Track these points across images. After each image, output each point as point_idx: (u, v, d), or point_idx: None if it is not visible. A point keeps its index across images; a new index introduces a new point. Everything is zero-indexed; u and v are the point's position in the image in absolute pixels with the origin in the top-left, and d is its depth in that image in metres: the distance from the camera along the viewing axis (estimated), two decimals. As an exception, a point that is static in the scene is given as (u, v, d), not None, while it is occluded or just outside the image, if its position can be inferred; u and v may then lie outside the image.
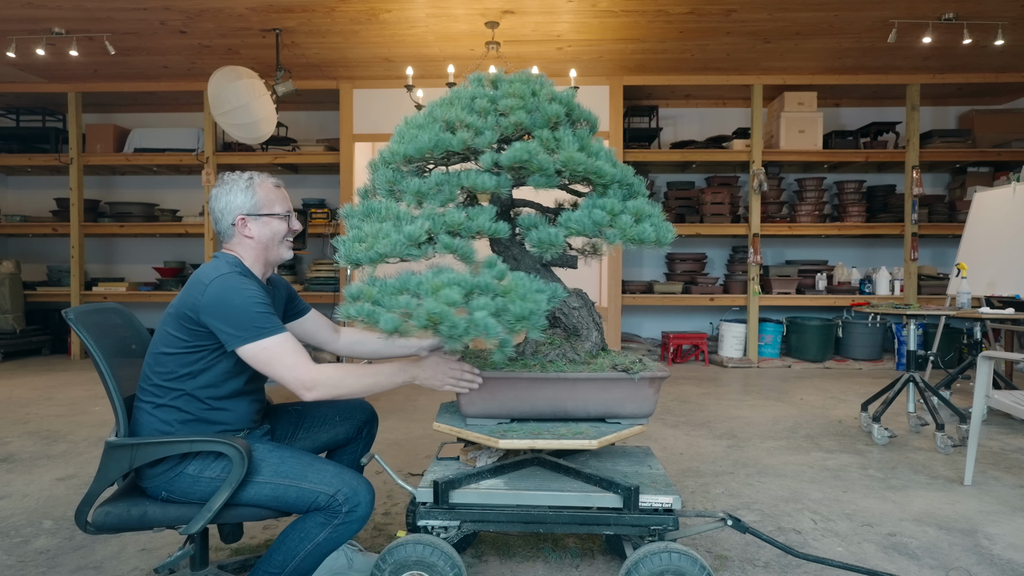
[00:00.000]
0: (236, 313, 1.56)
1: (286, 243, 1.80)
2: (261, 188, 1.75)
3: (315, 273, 6.48)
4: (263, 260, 1.77)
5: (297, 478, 1.58)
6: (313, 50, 5.38)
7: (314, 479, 1.58)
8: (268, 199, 1.75)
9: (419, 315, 1.43)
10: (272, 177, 1.81)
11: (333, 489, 1.56)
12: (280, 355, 1.57)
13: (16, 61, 5.54)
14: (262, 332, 1.56)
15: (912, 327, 3.64)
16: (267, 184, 1.77)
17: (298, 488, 1.57)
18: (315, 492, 1.56)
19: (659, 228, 1.66)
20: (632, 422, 1.75)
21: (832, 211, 6.71)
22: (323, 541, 1.56)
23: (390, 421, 3.88)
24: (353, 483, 1.58)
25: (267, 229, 1.74)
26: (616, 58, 5.61)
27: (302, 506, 1.57)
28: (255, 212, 1.73)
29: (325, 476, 1.59)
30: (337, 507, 1.56)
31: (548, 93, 1.73)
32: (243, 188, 1.73)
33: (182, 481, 1.59)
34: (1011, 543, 2.21)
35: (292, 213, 1.82)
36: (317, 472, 1.59)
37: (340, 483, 1.57)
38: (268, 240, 1.75)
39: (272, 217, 1.75)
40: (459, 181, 1.64)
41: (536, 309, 1.48)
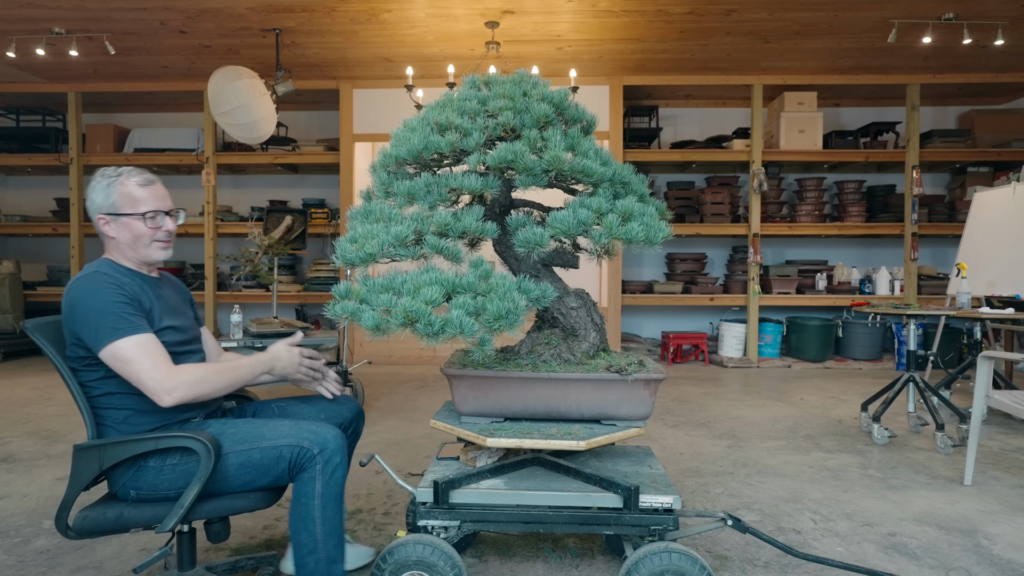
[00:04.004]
0: (89, 317, 1.53)
1: (156, 245, 1.72)
2: (122, 187, 1.68)
3: (315, 273, 6.47)
4: (133, 260, 1.72)
5: (256, 439, 1.59)
6: (313, 50, 5.38)
7: (272, 436, 1.59)
8: (129, 198, 1.67)
9: (397, 312, 1.45)
10: (144, 174, 1.73)
11: (295, 439, 1.57)
12: (138, 357, 1.51)
13: (16, 61, 5.54)
14: (116, 333, 1.51)
15: (912, 327, 3.64)
16: (129, 183, 1.69)
17: (260, 449, 1.57)
18: (278, 447, 1.57)
19: (649, 227, 1.65)
20: (627, 424, 1.75)
21: (832, 211, 6.71)
22: (324, 489, 1.57)
23: (390, 421, 3.88)
24: (312, 427, 1.60)
25: (126, 230, 1.68)
26: (616, 58, 5.61)
27: (270, 463, 1.57)
28: (113, 212, 1.67)
29: (282, 430, 1.60)
30: (310, 454, 1.56)
31: (539, 93, 1.73)
32: (103, 187, 1.68)
33: (145, 475, 1.56)
34: (1011, 543, 2.21)
35: (165, 212, 1.73)
36: (273, 429, 1.60)
37: (300, 433, 1.58)
38: (130, 241, 1.68)
39: (130, 217, 1.67)
40: (447, 182, 1.65)
41: (513, 308, 1.49)
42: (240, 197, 7.06)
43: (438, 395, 4.64)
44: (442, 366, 1.78)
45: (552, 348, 1.81)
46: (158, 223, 1.71)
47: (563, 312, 1.85)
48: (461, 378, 1.74)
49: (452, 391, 1.77)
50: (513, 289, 1.54)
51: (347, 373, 3.78)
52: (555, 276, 1.89)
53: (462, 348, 1.80)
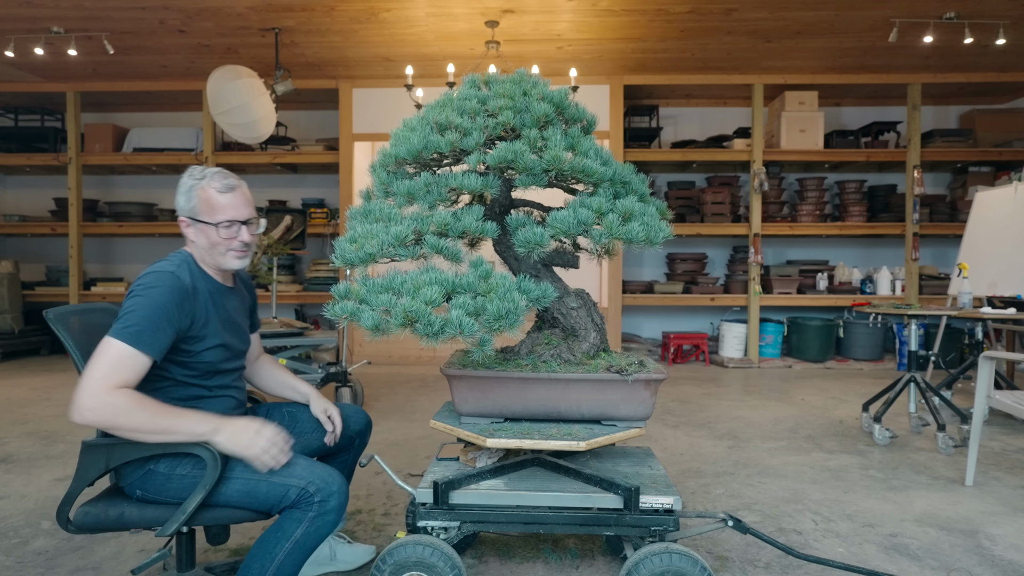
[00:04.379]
0: (131, 302, 1.51)
1: (231, 255, 1.68)
2: (203, 192, 1.65)
3: (314, 273, 6.47)
4: (210, 265, 1.70)
5: (267, 472, 1.53)
6: (312, 49, 5.37)
7: (284, 472, 1.53)
8: (208, 206, 1.64)
9: (396, 313, 1.44)
10: (227, 178, 1.67)
11: (304, 481, 1.51)
12: (107, 361, 1.44)
13: (15, 60, 5.54)
14: (125, 331, 1.46)
15: (913, 327, 3.63)
16: (211, 189, 1.65)
17: (268, 482, 1.52)
18: (286, 485, 1.51)
19: (650, 227, 1.64)
20: (628, 425, 1.74)
21: (833, 211, 6.70)
22: (302, 537, 1.51)
23: (390, 422, 3.87)
24: (323, 474, 1.54)
25: (203, 236, 1.66)
26: (616, 57, 5.60)
27: (273, 500, 1.52)
28: (192, 216, 1.65)
29: (295, 469, 1.54)
30: (309, 499, 1.50)
31: (539, 93, 1.72)
32: (187, 189, 1.66)
33: (154, 479, 1.54)
34: (1012, 544, 2.20)
35: (242, 222, 1.67)
36: (287, 466, 1.55)
37: (310, 475, 1.52)
38: (207, 247, 1.66)
39: (207, 225, 1.64)
40: (447, 182, 1.64)
41: (513, 308, 1.48)
42: (240, 197, 7.04)
43: (438, 395, 4.63)
44: (442, 366, 1.77)
45: (552, 348, 1.80)
46: (233, 233, 1.66)
47: (563, 312, 1.84)
48: (461, 378, 1.74)
49: (452, 391, 1.76)
50: (513, 289, 1.53)
51: (347, 373, 3.77)
52: (555, 276, 1.88)
53: (462, 348, 1.79)
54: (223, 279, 1.74)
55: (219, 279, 1.72)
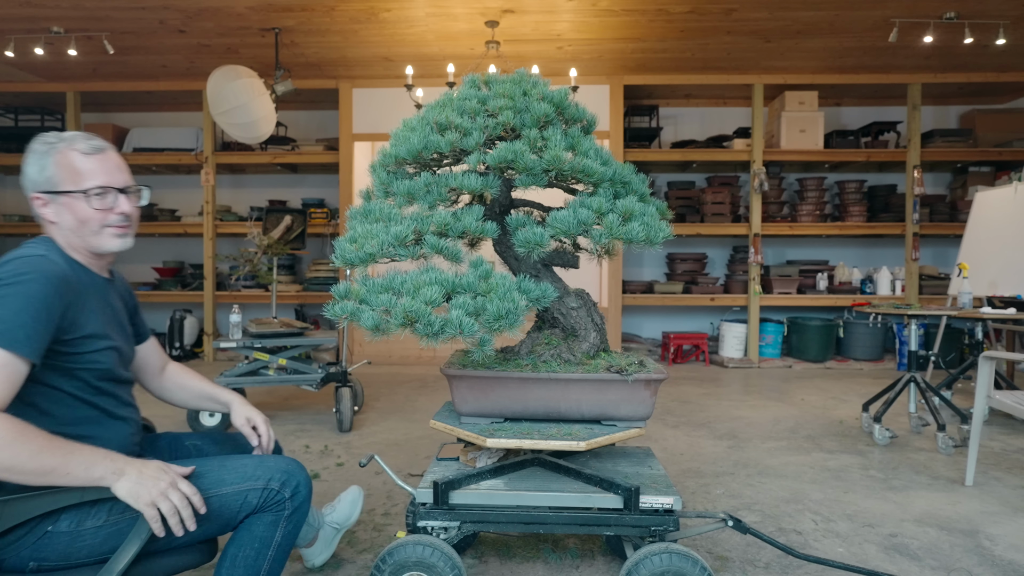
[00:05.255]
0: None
1: (108, 231, 1.35)
2: (61, 156, 1.32)
3: (314, 273, 6.47)
4: (81, 250, 1.36)
5: (214, 485, 1.29)
6: (312, 49, 5.37)
7: (234, 479, 1.30)
8: (71, 172, 1.31)
9: (396, 313, 1.44)
10: (92, 139, 1.36)
11: (263, 480, 1.31)
12: None
13: (15, 60, 5.53)
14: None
15: (913, 327, 3.63)
16: (71, 153, 1.33)
17: (220, 496, 1.28)
18: (242, 492, 1.29)
19: (650, 227, 1.65)
20: (628, 425, 1.74)
21: (833, 211, 6.70)
22: (283, 540, 1.34)
23: (390, 421, 3.87)
24: (282, 465, 1.35)
25: (68, 213, 1.32)
26: (616, 57, 5.60)
27: (230, 514, 1.29)
28: (51, 189, 1.31)
29: (246, 471, 1.32)
30: (278, 497, 1.32)
31: (539, 93, 1.72)
32: (38, 158, 1.32)
33: (54, 543, 1.19)
34: (1012, 544, 2.20)
35: (118, 190, 1.36)
36: (233, 470, 1.32)
37: (266, 470, 1.33)
38: (75, 226, 1.32)
39: (72, 196, 1.31)
40: (447, 182, 1.64)
41: (513, 308, 1.48)
42: (239, 197, 7.05)
43: (438, 395, 4.63)
44: (442, 366, 1.77)
45: (552, 348, 1.80)
46: (108, 203, 1.34)
47: (563, 312, 1.84)
48: (461, 378, 1.74)
49: (452, 391, 1.76)
50: (513, 289, 1.53)
51: (347, 373, 3.77)
52: (555, 276, 1.88)
53: (462, 348, 1.79)
54: (99, 269, 1.41)
55: (94, 269, 1.39)
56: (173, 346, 6.23)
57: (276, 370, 3.73)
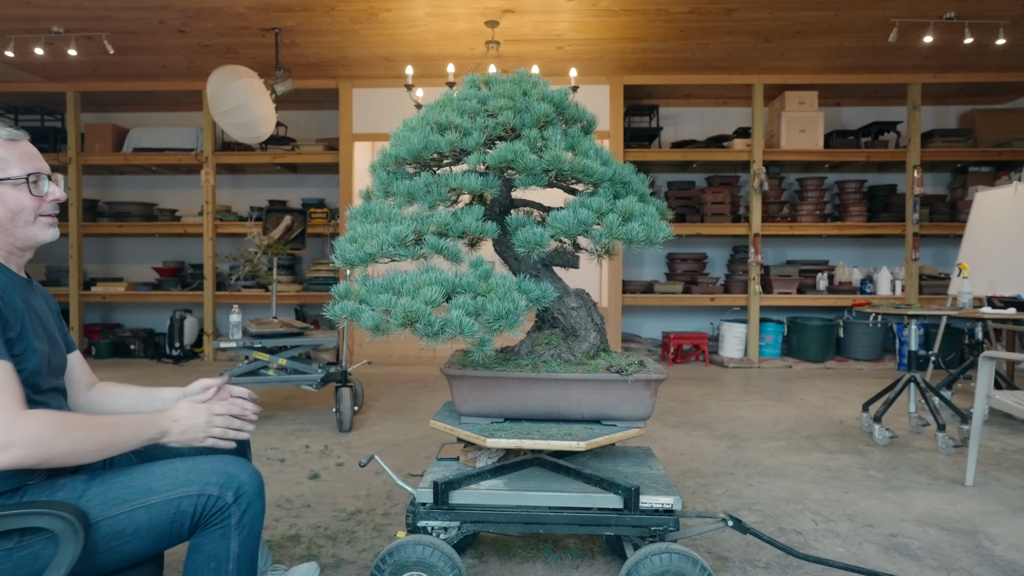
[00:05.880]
0: None
1: (42, 221, 1.29)
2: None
3: (314, 273, 6.47)
4: (4, 246, 1.27)
5: (140, 494, 1.16)
6: (312, 49, 5.37)
7: (163, 486, 1.17)
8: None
9: (396, 313, 1.44)
10: (5, 127, 1.30)
11: (199, 485, 1.18)
12: None
13: (15, 60, 5.53)
14: None
15: (913, 327, 3.63)
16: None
17: (147, 507, 1.16)
18: (175, 500, 1.16)
19: (650, 227, 1.65)
20: (628, 425, 1.74)
21: (833, 211, 6.70)
22: (240, 550, 1.20)
23: (390, 421, 3.87)
24: (218, 466, 1.21)
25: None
26: (616, 57, 5.60)
27: (163, 526, 1.17)
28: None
29: (177, 475, 1.19)
30: (218, 503, 1.18)
31: (539, 93, 1.72)
32: None
33: None
34: (1012, 544, 2.20)
35: (44, 175, 1.29)
36: (161, 477, 1.19)
37: (201, 473, 1.19)
38: (5, 217, 1.25)
39: (4, 184, 1.24)
40: (447, 182, 1.64)
41: (513, 308, 1.48)
42: (239, 197, 7.05)
43: (438, 395, 4.63)
44: (442, 366, 1.77)
45: (552, 348, 1.80)
46: (42, 190, 1.28)
47: (563, 312, 1.84)
48: (461, 378, 1.74)
49: (452, 391, 1.76)
50: (513, 289, 1.53)
51: (347, 373, 3.77)
52: (555, 276, 1.88)
53: (462, 348, 1.79)
54: (17, 267, 1.31)
55: (12, 267, 1.29)
56: (173, 346, 6.23)
57: (276, 370, 3.73)
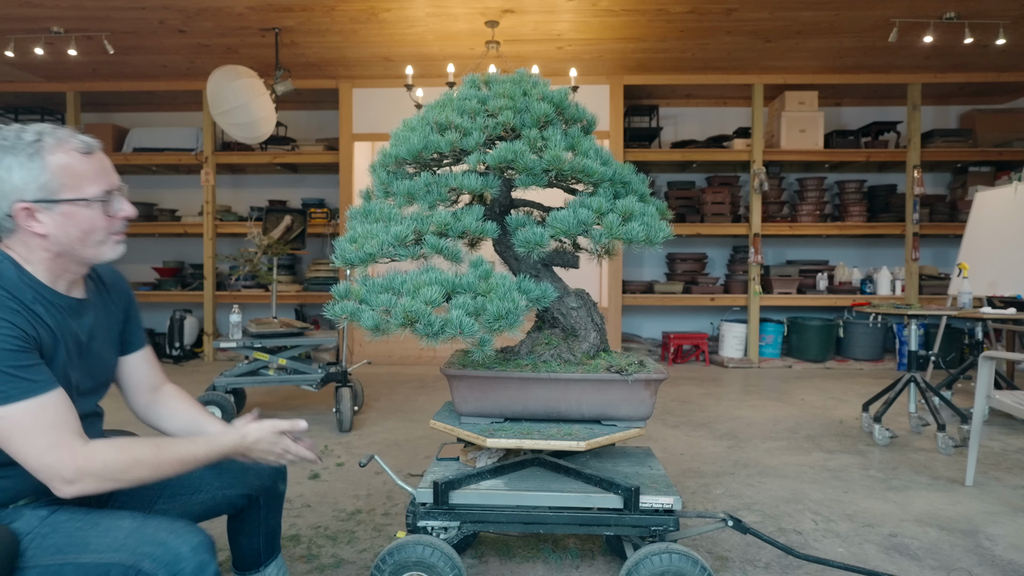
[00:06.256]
0: None
1: (112, 239, 1.22)
2: (54, 157, 1.12)
3: (314, 273, 6.47)
4: (62, 265, 1.18)
5: (76, 548, 1.06)
6: (312, 49, 5.37)
7: (99, 546, 1.06)
8: (72, 176, 1.14)
9: (396, 313, 1.44)
10: (76, 135, 1.18)
11: (133, 556, 1.04)
12: (25, 433, 1.04)
13: (14, 60, 5.53)
14: None
15: (913, 327, 3.63)
16: (67, 150, 1.14)
17: (76, 565, 1.05)
18: (102, 565, 1.04)
19: (650, 227, 1.65)
20: (628, 425, 1.74)
21: (833, 211, 6.70)
22: None
23: (390, 421, 3.87)
24: (161, 535, 1.06)
25: (71, 224, 1.15)
26: (616, 57, 5.60)
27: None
28: (49, 198, 1.12)
29: (116, 536, 1.06)
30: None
31: (539, 93, 1.72)
32: (24, 160, 1.10)
33: None
34: (1012, 544, 2.20)
35: (118, 190, 1.23)
36: (103, 532, 1.07)
37: (140, 541, 1.05)
38: (74, 240, 1.16)
39: (77, 204, 1.14)
40: (447, 182, 1.64)
41: (513, 308, 1.48)
42: (239, 197, 7.05)
43: (438, 395, 4.63)
44: (442, 366, 1.77)
45: (552, 348, 1.80)
46: (114, 208, 1.21)
47: (563, 312, 1.84)
48: (461, 378, 1.74)
49: (452, 391, 1.76)
50: (513, 289, 1.53)
51: (347, 373, 3.77)
52: (555, 276, 1.88)
53: (462, 348, 1.79)
54: (69, 287, 1.22)
55: (62, 288, 1.20)
56: (173, 346, 6.23)
57: (276, 370, 3.73)
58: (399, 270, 1.59)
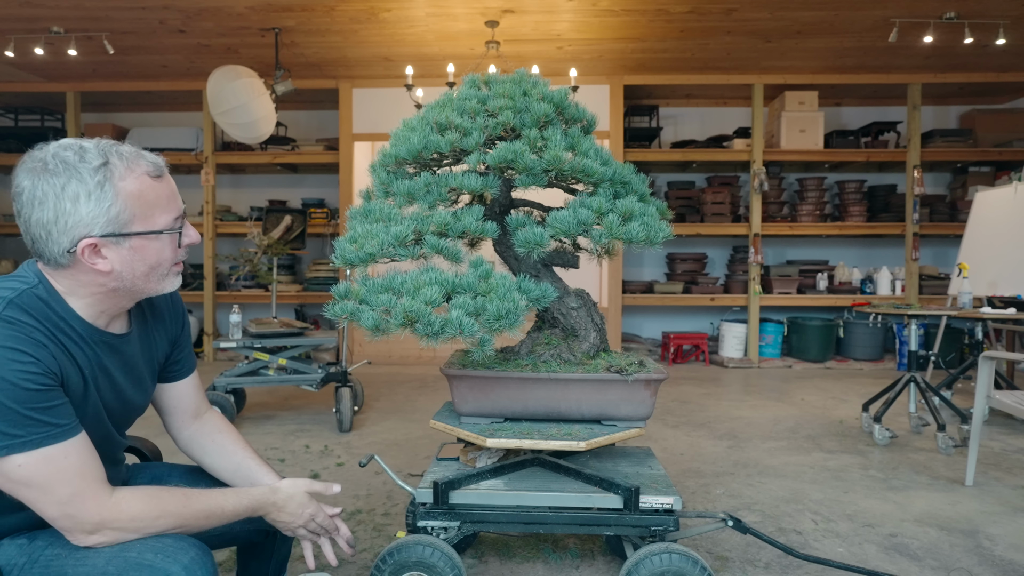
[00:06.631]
0: None
1: (174, 271, 1.11)
2: (129, 183, 1.00)
3: (314, 273, 6.47)
4: (114, 301, 1.07)
5: None
6: (312, 49, 5.37)
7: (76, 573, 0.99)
8: (144, 204, 1.02)
9: (396, 313, 1.44)
10: (144, 155, 1.06)
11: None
12: (46, 482, 0.95)
13: (15, 60, 5.53)
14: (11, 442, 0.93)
15: (913, 327, 3.63)
16: (139, 175, 1.02)
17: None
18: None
19: (650, 227, 1.65)
20: (628, 425, 1.74)
21: (833, 211, 6.70)
22: None
23: (390, 421, 3.87)
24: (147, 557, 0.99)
25: (139, 259, 1.03)
26: (616, 57, 5.60)
27: None
28: (119, 231, 1.00)
29: (96, 563, 0.98)
30: None
31: (539, 93, 1.72)
32: (92, 186, 0.97)
33: None
34: (1012, 544, 2.20)
35: (184, 215, 1.11)
36: (80, 560, 0.99)
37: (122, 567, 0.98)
38: (138, 276, 1.05)
39: (148, 238, 1.03)
40: (447, 182, 1.64)
41: (513, 308, 1.48)
42: (239, 197, 7.05)
43: (438, 395, 4.63)
44: (442, 366, 1.77)
45: (552, 348, 1.80)
46: (181, 238, 1.10)
47: (563, 312, 1.84)
48: (461, 378, 1.74)
49: (452, 391, 1.76)
50: (513, 289, 1.53)
51: (347, 373, 3.77)
52: (555, 276, 1.88)
53: (462, 348, 1.79)
54: (109, 322, 1.10)
55: (102, 323, 1.08)
56: (173, 346, 6.23)
57: (276, 370, 3.73)
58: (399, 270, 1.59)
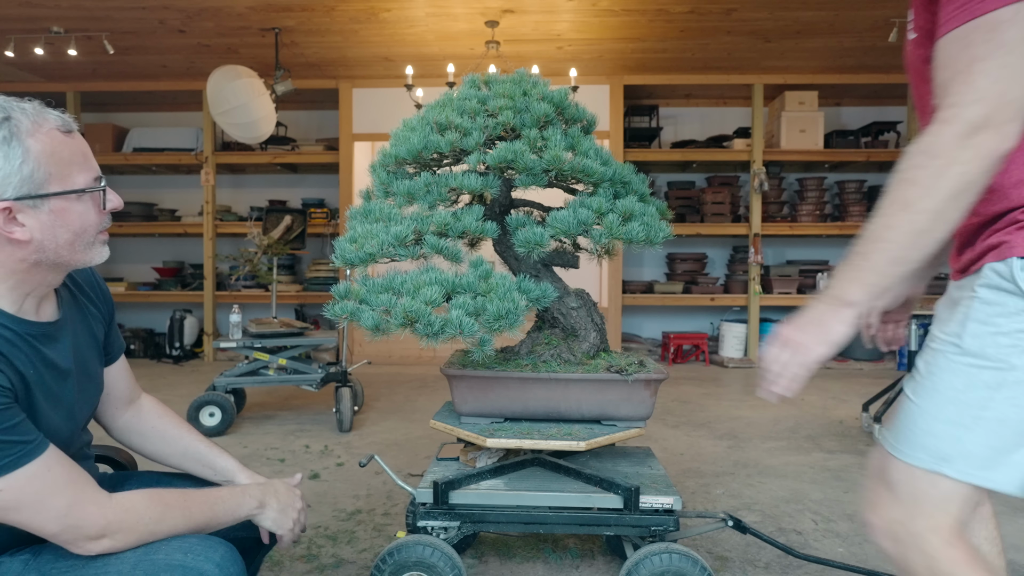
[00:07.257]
0: None
1: (100, 239, 1.00)
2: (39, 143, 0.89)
3: (314, 273, 6.47)
4: (35, 278, 0.96)
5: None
6: (312, 49, 5.37)
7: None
8: (59, 162, 0.91)
9: (396, 313, 1.44)
10: (48, 110, 0.94)
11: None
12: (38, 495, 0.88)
13: (15, 60, 5.53)
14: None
15: (913, 327, 3.63)
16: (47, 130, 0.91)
17: None
18: None
19: (650, 227, 1.65)
20: (628, 425, 1.74)
21: (833, 211, 6.70)
22: None
23: (390, 421, 3.87)
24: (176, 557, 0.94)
25: (61, 223, 0.92)
26: (616, 57, 5.60)
27: None
28: (36, 192, 0.89)
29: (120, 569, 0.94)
30: None
31: (540, 92, 1.72)
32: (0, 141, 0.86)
33: None
34: (1012, 543, 2.20)
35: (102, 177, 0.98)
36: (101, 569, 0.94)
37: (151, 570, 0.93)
38: (62, 244, 0.94)
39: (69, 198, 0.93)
40: (447, 182, 1.64)
41: (513, 308, 1.48)
42: (239, 197, 7.05)
43: (438, 395, 4.63)
44: (442, 366, 1.77)
45: (552, 348, 1.80)
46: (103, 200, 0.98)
47: (563, 312, 1.84)
48: (461, 378, 1.74)
49: (452, 391, 1.76)
50: (513, 289, 1.53)
51: (347, 373, 3.77)
52: (555, 276, 1.88)
53: (462, 348, 1.79)
54: (38, 307, 0.99)
55: (30, 311, 0.97)
56: (173, 346, 6.23)
57: (276, 370, 3.73)
58: (399, 270, 1.59)
